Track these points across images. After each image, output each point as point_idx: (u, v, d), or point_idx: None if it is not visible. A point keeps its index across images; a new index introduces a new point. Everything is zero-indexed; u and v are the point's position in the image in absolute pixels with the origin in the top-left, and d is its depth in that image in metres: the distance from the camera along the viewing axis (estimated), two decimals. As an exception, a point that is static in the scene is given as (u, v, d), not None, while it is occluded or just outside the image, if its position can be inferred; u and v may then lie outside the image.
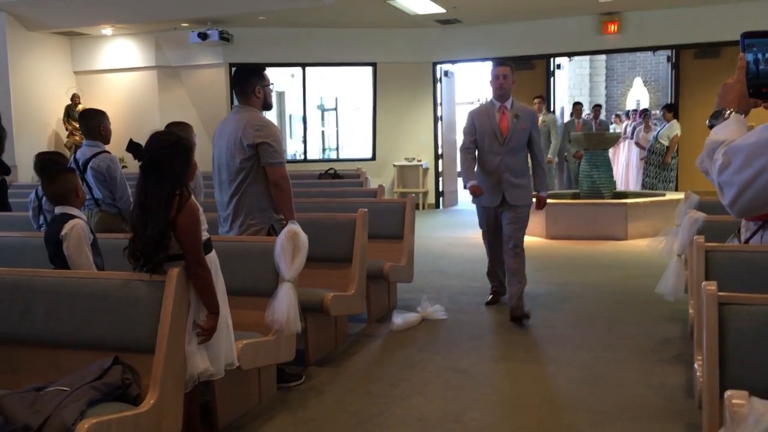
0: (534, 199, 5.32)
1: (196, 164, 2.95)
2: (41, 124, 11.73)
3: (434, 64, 12.63)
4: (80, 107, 11.36)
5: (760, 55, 1.64)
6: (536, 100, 10.89)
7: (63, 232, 3.14)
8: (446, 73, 12.99)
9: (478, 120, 5.19)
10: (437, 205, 12.95)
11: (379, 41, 12.12)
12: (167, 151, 2.79)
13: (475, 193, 5.21)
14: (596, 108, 12.16)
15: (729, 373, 2.10)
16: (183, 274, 2.79)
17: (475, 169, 5.27)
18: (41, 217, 4.32)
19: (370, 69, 12.72)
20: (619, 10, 11.21)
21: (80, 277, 3.00)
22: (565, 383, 3.89)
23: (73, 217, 3.20)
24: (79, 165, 4.48)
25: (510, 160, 5.10)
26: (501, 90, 5.14)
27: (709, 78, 10.87)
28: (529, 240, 8.75)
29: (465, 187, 5.38)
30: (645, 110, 13.60)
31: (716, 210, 4.06)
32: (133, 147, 2.83)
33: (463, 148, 5.28)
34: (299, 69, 12.96)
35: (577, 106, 11.83)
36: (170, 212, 2.74)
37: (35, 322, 2.94)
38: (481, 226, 5.46)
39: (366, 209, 4.80)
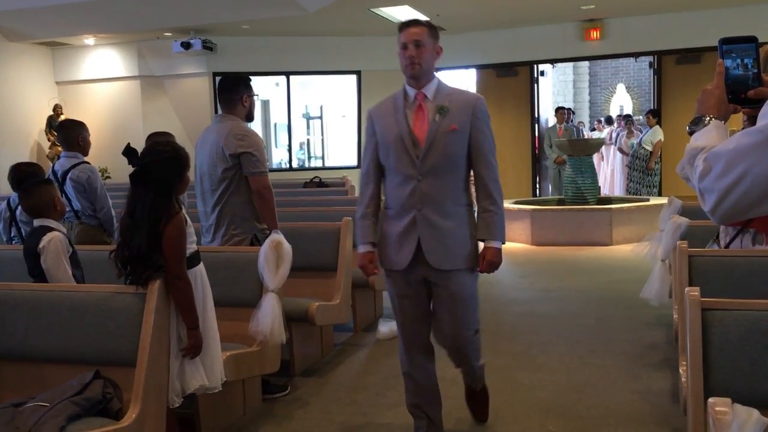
0: (480, 255, 2.96)
1: (188, 179, 2.93)
2: (23, 135, 11.62)
3: (418, 72, 12.64)
4: (62, 118, 11.27)
5: (738, 61, 1.65)
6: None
7: (41, 245, 3.10)
8: (430, 81, 13.00)
9: (381, 122, 2.96)
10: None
11: (364, 49, 12.12)
12: (162, 163, 2.77)
13: (366, 270, 3.02)
14: (561, 111, 11.83)
15: (713, 378, 2.10)
16: (165, 287, 2.76)
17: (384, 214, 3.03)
18: (13, 229, 4.24)
19: (354, 77, 12.73)
20: (600, 17, 11.30)
21: (60, 290, 2.96)
22: (552, 390, 3.88)
23: (51, 229, 3.16)
24: (57, 176, 4.43)
25: (431, 188, 2.86)
26: (413, 67, 2.86)
27: (690, 83, 10.97)
28: (513, 246, 8.81)
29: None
30: (627, 116, 13.69)
31: (699, 215, 4.08)
32: (129, 152, 2.80)
33: (362, 179, 3.07)
34: (283, 78, 12.94)
35: (560, 112, 11.86)
36: (159, 225, 2.72)
37: (14, 337, 2.90)
38: (393, 310, 3.11)
39: (350, 218, 4.78)
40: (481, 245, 2.95)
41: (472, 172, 2.96)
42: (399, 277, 2.95)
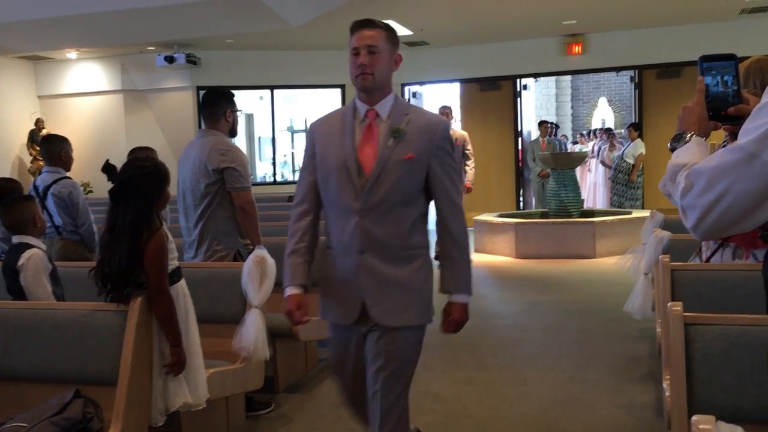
0: (443, 311, 2.53)
1: (169, 194, 2.91)
2: (4, 149, 11.51)
3: (402, 86, 12.70)
4: (44, 132, 11.19)
5: (718, 78, 1.67)
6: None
7: (20, 263, 3.06)
8: (414, 95, 13.08)
9: (323, 141, 2.46)
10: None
11: (347, 64, 12.07)
12: (142, 178, 2.75)
13: (293, 317, 2.43)
14: (544, 125, 11.86)
15: (696, 393, 2.11)
16: (146, 304, 2.73)
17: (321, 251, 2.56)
18: None
19: (338, 91, 12.75)
20: (582, 32, 11.43)
21: (40, 308, 2.92)
22: (537, 405, 3.88)
23: (30, 246, 3.12)
24: (39, 191, 4.38)
25: (376, 226, 2.35)
26: (364, 78, 2.37)
27: (671, 97, 11.10)
28: (497, 259, 8.83)
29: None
30: (608, 129, 13.82)
31: (681, 229, 4.09)
32: (108, 168, 2.78)
33: (295, 207, 2.53)
34: (268, 91, 12.94)
35: (543, 125, 11.95)
36: (140, 241, 2.69)
37: (-8, 356, 2.84)
38: (333, 365, 2.65)
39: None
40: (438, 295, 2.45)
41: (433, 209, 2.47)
42: (343, 332, 2.48)
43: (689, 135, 1.61)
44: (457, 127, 10.81)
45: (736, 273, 2.88)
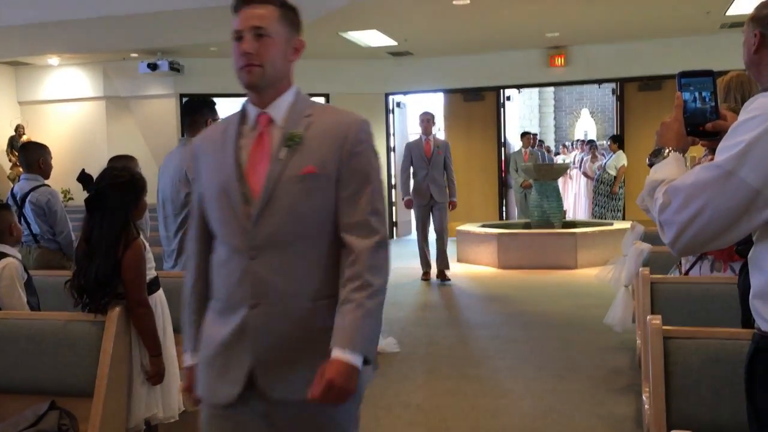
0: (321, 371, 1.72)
1: (145, 204, 2.89)
2: (-17, 156, 11.38)
3: (386, 95, 12.73)
4: (25, 138, 11.07)
5: (696, 94, 1.68)
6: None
7: (-6, 272, 3.02)
8: (398, 104, 13.11)
9: (205, 161, 1.94)
10: (391, 235, 12.95)
11: (332, 72, 12.16)
12: (117, 188, 2.73)
13: (190, 395, 1.92)
14: (527, 136, 12.16)
15: (675, 407, 2.12)
16: (124, 314, 2.70)
17: None
18: None
19: (322, 100, 12.75)
20: (565, 45, 11.53)
21: (15, 317, 2.87)
22: (518, 416, 3.87)
23: (6, 255, 3.08)
24: (16, 199, 4.33)
25: (270, 269, 1.79)
26: (250, 72, 1.79)
27: (652, 109, 11.22)
28: (480, 270, 8.86)
29: None
30: (591, 141, 13.93)
31: (661, 241, 4.12)
32: (83, 178, 2.76)
33: (189, 244, 2.11)
34: (251, 99, 12.89)
35: (526, 136, 12.04)
36: (117, 251, 2.67)
37: (-34, 366, 2.80)
38: None
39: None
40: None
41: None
42: (222, 417, 1.80)
43: (667, 150, 1.62)
44: (440, 136, 10.83)
45: (714, 286, 2.90)
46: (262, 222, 1.72)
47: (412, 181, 8.02)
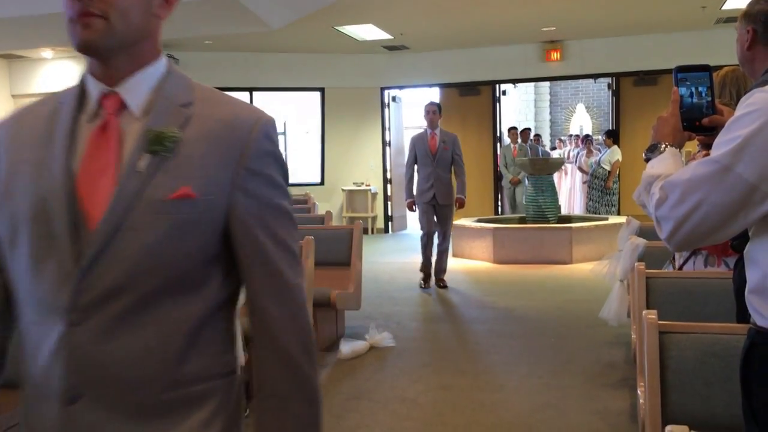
0: None
1: None
2: (-24, 149, 11.32)
3: (382, 90, 12.72)
4: (18, 131, 11.02)
5: (692, 89, 1.68)
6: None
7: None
8: (394, 99, 13.10)
9: (11, 157, 1.18)
10: (386, 230, 12.95)
11: (327, 66, 12.14)
12: None
13: None
14: (523, 131, 12.15)
15: (670, 402, 2.12)
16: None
17: None
18: None
19: (318, 94, 12.73)
20: (561, 39, 11.54)
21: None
22: (513, 411, 3.88)
23: None
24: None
25: (104, 342, 1.02)
26: (85, 24, 1.11)
27: (647, 104, 11.24)
28: (475, 264, 8.87)
29: None
30: (587, 136, 13.95)
31: (656, 236, 4.12)
32: None
33: None
34: (247, 93, 12.86)
35: (513, 131, 12.03)
36: None
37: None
38: None
39: (312, 237, 4.74)
40: None
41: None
42: None
43: (664, 146, 1.62)
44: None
45: (709, 281, 2.91)
46: (99, 268, 1.05)
47: (415, 180, 7.25)
